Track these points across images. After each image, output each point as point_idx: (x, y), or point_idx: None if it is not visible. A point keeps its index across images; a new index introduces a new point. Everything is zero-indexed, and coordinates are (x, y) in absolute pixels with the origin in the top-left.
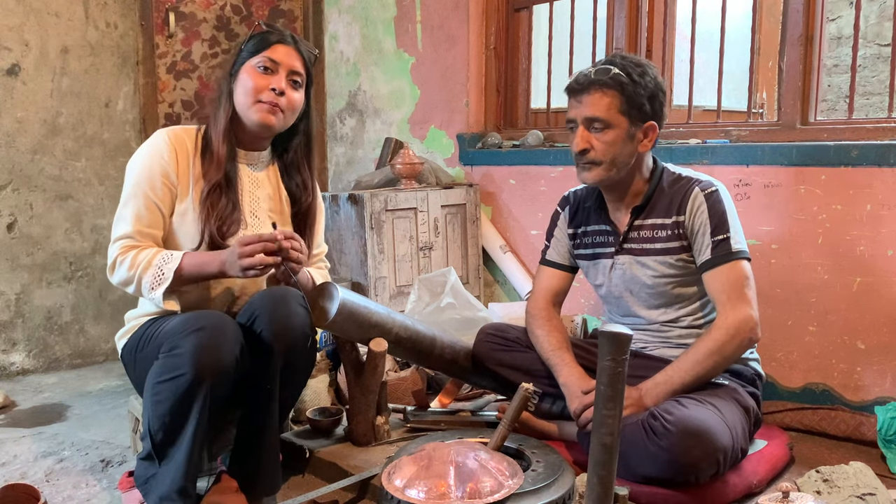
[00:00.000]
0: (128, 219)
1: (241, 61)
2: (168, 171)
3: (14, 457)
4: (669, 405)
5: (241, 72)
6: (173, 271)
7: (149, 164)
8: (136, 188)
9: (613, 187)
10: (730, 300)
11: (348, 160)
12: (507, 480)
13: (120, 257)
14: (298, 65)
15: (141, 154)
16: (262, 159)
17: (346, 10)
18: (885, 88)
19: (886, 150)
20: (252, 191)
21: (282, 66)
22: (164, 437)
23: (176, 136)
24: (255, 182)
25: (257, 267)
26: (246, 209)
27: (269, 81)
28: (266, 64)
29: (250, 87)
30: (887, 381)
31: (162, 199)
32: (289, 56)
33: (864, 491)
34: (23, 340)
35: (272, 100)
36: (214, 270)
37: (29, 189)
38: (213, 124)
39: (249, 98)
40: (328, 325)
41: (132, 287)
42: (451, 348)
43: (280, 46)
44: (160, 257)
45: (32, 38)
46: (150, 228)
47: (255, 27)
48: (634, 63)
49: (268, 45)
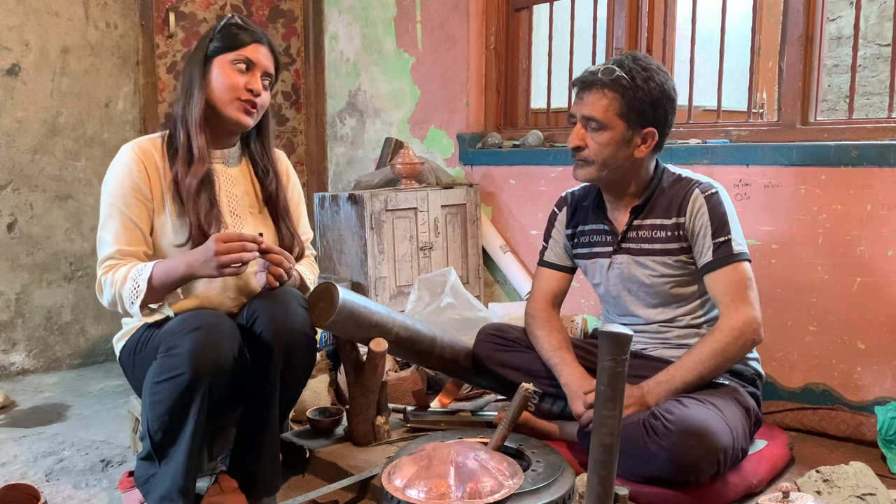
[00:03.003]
0: (108, 241)
1: (213, 52)
2: (140, 185)
3: (14, 457)
4: (670, 405)
5: (214, 64)
6: (146, 281)
7: (119, 181)
8: (112, 209)
9: (611, 186)
10: (733, 302)
11: (348, 160)
12: (507, 480)
13: (103, 278)
14: (271, 66)
15: (111, 174)
16: (233, 155)
17: (346, 10)
18: (885, 88)
19: (886, 150)
20: (228, 189)
21: (258, 66)
22: (164, 436)
23: (142, 149)
24: (231, 179)
25: (234, 264)
26: (224, 208)
27: (246, 81)
28: (245, 63)
29: (229, 84)
30: (887, 381)
31: (138, 215)
32: (265, 57)
33: (864, 491)
34: (23, 340)
35: (250, 99)
36: (181, 273)
37: (29, 189)
38: (185, 116)
39: (227, 95)
40: (328, 325)
41: (119, 306)
42: (451, 348)
43: (259, 46)
44: (135, 270)
45: (32, 38)
46: (130, 246)
47: (230, 18)
48: (642, 67)
49: (245, 43)
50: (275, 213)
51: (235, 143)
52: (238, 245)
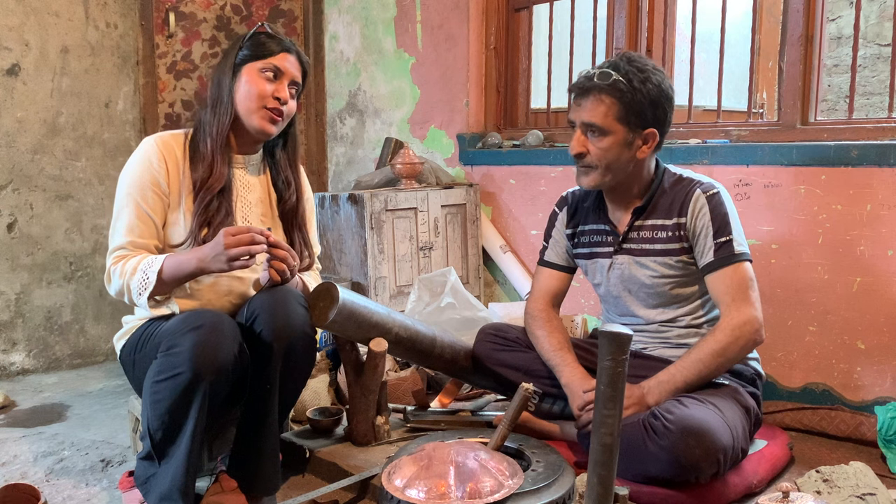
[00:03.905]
0: (121, 231)
1: (242, 60)
2: (158, 179)
3: (14, 457)
4: (670, 404)
5: (242, 73)
6: (156, 273)
7: (139, 173)
8: (128, 198)
9: (613, 189)
10: (734, 302)
11: (348, 160)
12: (507, 480)
13: (112, 268)
14: (298, 75)
15: (131, 164)
16: (254, 162)
17: (346, 10)
18: (885, 88)
19: (886, 150)
20: (244, 195)
21: (286, 75)
22: (164, 436)
23: (165, 143)
24: (248, 186)
25: (243, 257)
26: (238, 214)
27: (274, 89)
28: (274, 71)
29: (256, 93)
30: (887, 381)
31: (153, 207)
32: (293, 66)
33: (864, 491)
34: (23, 340)
35: (276, 107)
36: (192, 268)
37: (29, 189)
38: (209, 126)
39: (254, 103)
40: (328, 325)
41: (126, 296)
42: (451, 348)
43: (287, 55)
44: (145, 262)
45: (32, 38)
46: (143, 238)
47: (260, 27)
48: (638, 68)
49: (275, 52)
50: (291, 225)
51: (258, 149)
52: (248, 237)
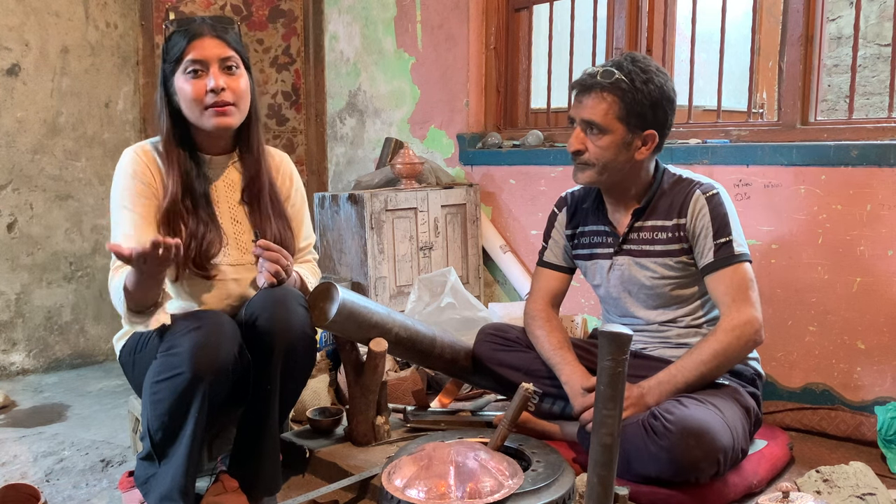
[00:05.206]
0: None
1: (168, 74)
2: (145, 182)
3: (14, 457)
4: (670, 405)
5: (175, 82)
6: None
7: (125, 183)
8: (121, 210)
9: (612, 189)
10: (734, 302)
11: (348, 160)
12: (507, 480)
13: (109, 284)
14: (225, 50)
15: (116, 177)
16: (229, 160)
17: (346, 10)
18: (885, 88)
19: (886, 150)
20: (228, 195)
21: (209, 60)
22: (164, 436)
23: (143, 150)
24: (231, 185)
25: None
26: (226, 217)
27: (204, 84)
28: (193, 67)
29: (191, 98)
30: (887, 381)
31: (146, 210)
32: (211, 47)
33: (864, 491)
34: (23, 340)
35: (216, 100)
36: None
37: (29, 189)
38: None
39: (196, 108)
40: (328, 325)
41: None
42: (451, 348)
43: (197, 42)
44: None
45: (32, 38)
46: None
47: (165, 29)
48: (641, 69)
49: (184, 46)
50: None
51: (231, 145)
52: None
